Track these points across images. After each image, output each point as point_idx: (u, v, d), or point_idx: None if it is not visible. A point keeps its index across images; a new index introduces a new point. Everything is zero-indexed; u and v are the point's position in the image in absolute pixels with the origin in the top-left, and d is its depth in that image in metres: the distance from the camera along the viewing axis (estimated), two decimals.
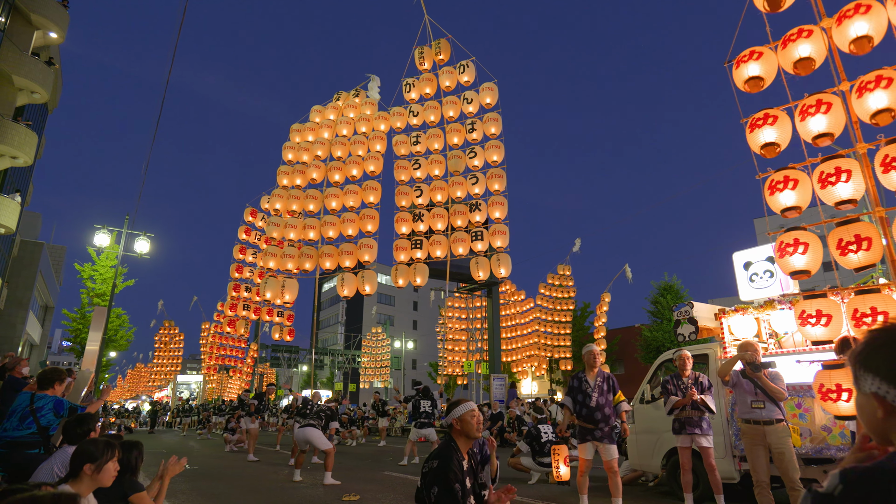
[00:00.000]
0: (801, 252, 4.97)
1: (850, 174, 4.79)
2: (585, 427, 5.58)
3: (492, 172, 13.41)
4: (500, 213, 13.07)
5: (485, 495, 3.05)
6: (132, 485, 3.15)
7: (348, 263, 13.15)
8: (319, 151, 14.18)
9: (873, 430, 1.03)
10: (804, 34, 5.27)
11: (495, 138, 13.61)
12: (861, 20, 4.90)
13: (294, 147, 14.65)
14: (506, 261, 12.96)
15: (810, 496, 0.96)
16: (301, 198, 13.83)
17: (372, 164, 13.84)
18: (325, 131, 14.60)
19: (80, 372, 8.83)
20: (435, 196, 13.68)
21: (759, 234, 44.69)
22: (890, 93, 4.68)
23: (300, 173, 14.14)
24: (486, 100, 13.77)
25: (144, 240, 18.35)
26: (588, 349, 5.79)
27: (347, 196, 13.63)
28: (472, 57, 14.01)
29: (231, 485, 8.49)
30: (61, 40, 22.69)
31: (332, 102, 15.20)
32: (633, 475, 8.14)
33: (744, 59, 5.66)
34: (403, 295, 64.68)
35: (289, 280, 13.68)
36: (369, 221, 13.51)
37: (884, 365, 0.99)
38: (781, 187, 5.12)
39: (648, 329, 27.99)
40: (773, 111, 5.39)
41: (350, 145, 14.16)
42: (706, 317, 7.03)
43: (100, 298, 25.23)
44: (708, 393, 5.73)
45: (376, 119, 14.51)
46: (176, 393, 40.93)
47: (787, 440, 4.88)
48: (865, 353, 1.03)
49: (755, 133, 5.42)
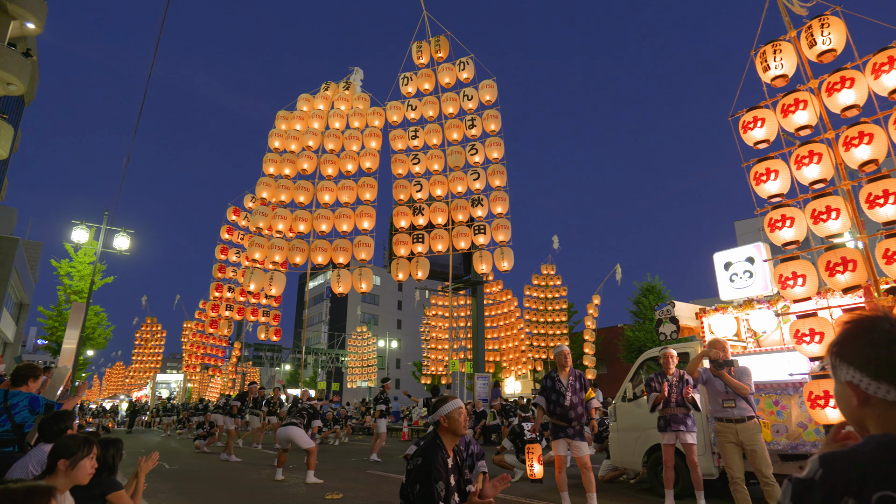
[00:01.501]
0: (789, 226, 5.69)
1: (838, 212, 5.38)
2: (559, 425, 5.71)
3: (493, 168, 13.53)
4: (501, 209, 13.24)
5: (470, 490, 3.06)
6: (110, 483, 3.10)
7: (342, 260, 13.01)
8: (311, 142, 13.97)
9: (850, 418, 1.06)
10: (801, 105, 5.85)
11: (495, 135, 13.75)
12: (847, 91, 5.51)
13: (281, 134, 14.36)
14: (509, 255, 13.12)
15: (791, 483, 0.97)
16: (291, 188, 13.58)
17: (368, 160, 13.73)
18: (314, 121, 14.37)
19: (57, 369, 8.65)
20: (434, 191, 13.73)
21: (740, 236, 45.33)
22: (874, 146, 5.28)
23: (290, 163, 13.87)
24: (486, 97, 13.90)
25: (124, 236, 18.02)
26: (559, 349, 5.93)
27: (342, 191, 13.47)
28: (471, 54, 14.09)
29: (212, 484, 8.39)
30: (39, 31, 22.20)
31: (321, 92, 14.95)
32: (615, 473, 8.22)
33: (749, 126, 6.25)
34: (388, 294, 64.54)
35: (277, 273, 13.45)
36: (366, 218, 13.39)
37: (857, 355, 1.01)
38: (780, 225, 5.79)
39: (631, 329, 28.26)
40: (773, 163, 5.99)
41: (344, 139, 14.01)
42: (687, 316, 7.12)
43: (77, 296, 24.74)
44: (694, 391, 5.82)
45: (370, 115, 14.38)
46: (155, 392, 40.31)
47: (758, 437, 4.99)
48: (840, 344, 1.05)
49: (760, 186, 6.05)
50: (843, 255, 5.18)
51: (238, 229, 20.02)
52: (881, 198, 5.11)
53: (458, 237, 13.27)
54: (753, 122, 6.17)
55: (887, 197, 5.07)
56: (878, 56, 5.38)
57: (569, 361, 5.88)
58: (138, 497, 3.37)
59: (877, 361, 0.98)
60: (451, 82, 14.18)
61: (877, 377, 0.97)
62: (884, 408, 0.97)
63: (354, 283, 13.06)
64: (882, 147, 5.26)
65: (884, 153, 5.27)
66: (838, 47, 5.73)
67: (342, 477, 8.95)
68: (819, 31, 5.75)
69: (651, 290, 28.02)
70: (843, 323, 1.10)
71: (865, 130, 5.31)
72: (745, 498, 4.90)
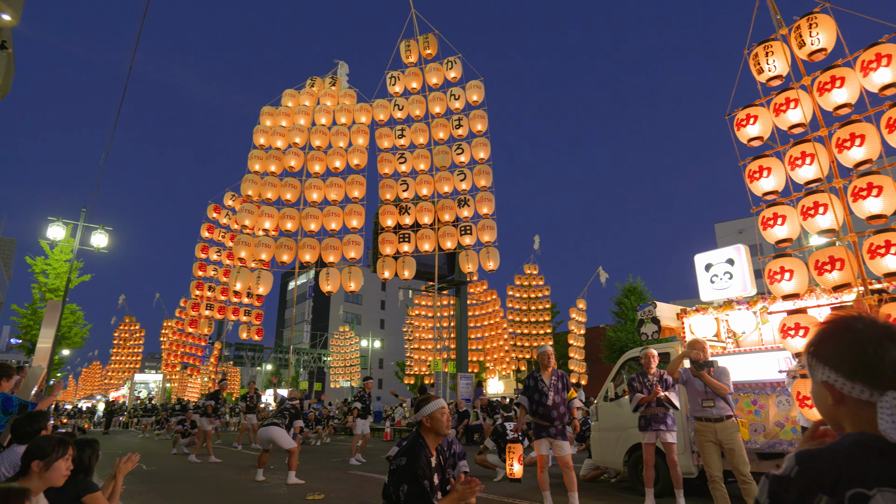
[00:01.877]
0: (781, 224, 5.83)
1: (826, 207, 5.47)
2: (541, 424, 5.75)
3: (479, 169, 13.55)
4: (487, 209, 13.28)
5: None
6: (86, 485, 3.03)
7: (332, 259, 12.82)
8: (297, 138, 13.74)
9: (826, 417, 1.08)
10: (792, 104, 5.93)
11: (481, 135, 13.76)
12: (838, 90, 5.59)
13: (266, 131, 14.10)
14: (494, 255, 13.16)
15: (768, 479, 0.99)
16: (277, 185, 13.33)
17: (356, 157, 13.55)
18: (300, 118, 14.15)
19: (32, 368, 8.45)
20: (421, 190, 13.69)
21: (720, 238, 46.15)
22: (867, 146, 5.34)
23: (276, 160, 13.63)
24: (473, 97, 13.93)
25: (102, 233, 17.64)
26: (542, 349, 5.95)
27: (331, 188, 13.26)
28: (459, 54, 14.11)
29: (191, 486, 8.28)
30: (15, 23, 21.65)
31: (307, 88, 14.74)
32: (596, 472, 8.28)
33: (742, 123, 6.37)
34: (371, 294, 64.25)
35: (264, 272, 13.21)
36: (355, 217, 13.18)
37: (832, 355, 1.03)
38: (772, 223, 5.94)
39: (613, 329, 28.54)
40: (767, 160, 6.10)
41: (331, 135, 13.81)
42: (668, 316, 7.21)
43: (53, 294, 24.20)
44: (672, 390, 5.89)
45: (357, 111, 14.22)
46: (133, 392, 39.61)
47: (736, 436, 5.08)
48: (817, 344, 1.07)
49: (754, 183, 6.15)
50: (830, 255, 5.28)
51: (219, 227, 19.76)
52: (864, 190, 5.20)
53: (445, 237, 13.26)
54: (747, 120, 6.28)
55: (871, 190, 5.16)
56: (867, 53, 5.39)
57: (552, 361, 5.92)
58: (115, 499, 3.30)
59: (851, 362, 0.99)
60: (438, 82, 14.17)
61: (851, 377, 0.99)
62: (858, 407, 0.99)
63: (343, 281, 12.92)
64: (875, 146, 5.32)
65: (877, 152, 5.34)
66: (828, 46, 5.74)
67: (324, 477, 8.89)
68: (808, 31, 5.77)
69: (633, 290, 28.33)
70: (819, 323, 1.12)
71: (857, 132, 5.37)
72: (724, 496, 4.98)
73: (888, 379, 0.96)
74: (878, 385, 0.96)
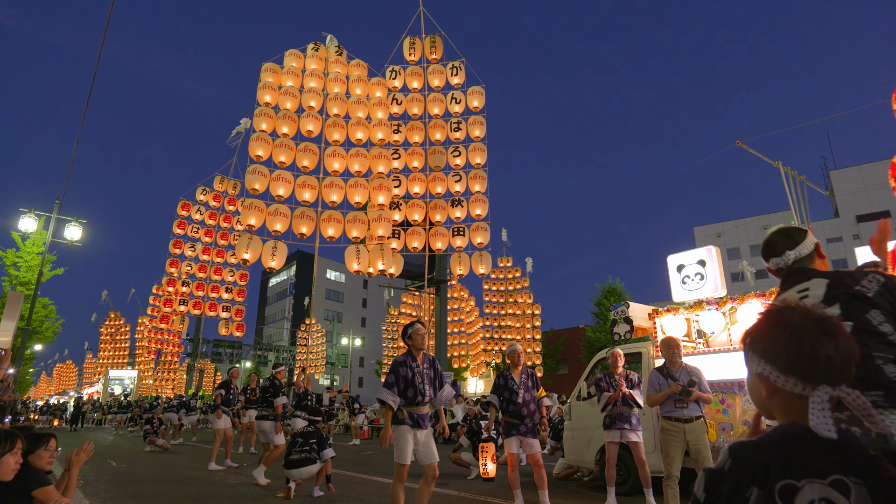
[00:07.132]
0: None
1: None
2: (511, 422, 5.76)
3: (474, 173, 13.52)
4: (480, 211, 13.28)
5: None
6: (37, 479, 2.95)
7: (356, 234, 12.18)
8: (312, 102, 13.02)
9: (760, 408, 1.09)
10: None
11: (479, 141, 13.71)
12: None
13: (272, 89, 13.23)
14: (486, 258, 13.15)
15: (705, 473, 0.99)
16: (292, 149, 12.49)
17: (381, 131, 13.03)
18: (311, 80, 13.36)
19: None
20: (413, 188, 13.59)
21: (699, 240, 46.90)
22: None
23: (289, 120, 12.73)
24: (474, 103, 13.92)
25: (76, 226, 17.28)
26: (513, 348, 5.96)
27: (354, 159, 12.57)
28: (463, 58, 14.08)
29: (161, 483, 8.12)
30: None
31: (310, 52, 14.00)
32: (569, 471, 8.33)
33: None
34: (352, 291, 63.95)
35: (279, 243, 12.21)
36: (382, 192, 12.43)
37: (766, 347, 1.04)
38: None
39: (592, 330, 28.77)
40: None
41: (350, 104, 13.27)
42: (641, 316, 7.28)
43: (24, 287, 23.64)
44: (637, 388, 5.94)
45: (374, 85, 13.85)
46: (107, 388, 38.88)
47: (704, 436, 5.14)
48: (753, 336, 1.08)
49: None
50: None
51: (192, 223, 19.46)
52: None
53: (436, 237, 13.14)
54: None
55: None
56: None
57: (522, 360, 5.93)
58: (70, 493, 3.22)
59: (787, 356, 1.00)
60: (440, 84, 14.07)
61: (785, 371, 1.00)
62: (791, 400, 1.00)
63: (373, 262, 12.11)
64: None
65: None
66: None
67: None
68: None
69: (612, 291, 28.58)
70: (757, 314, 1.13)
71: None
72: (675, 495, 5.02)
73: (821, 374, 0.97)
74: (812, 380, 0.97)
